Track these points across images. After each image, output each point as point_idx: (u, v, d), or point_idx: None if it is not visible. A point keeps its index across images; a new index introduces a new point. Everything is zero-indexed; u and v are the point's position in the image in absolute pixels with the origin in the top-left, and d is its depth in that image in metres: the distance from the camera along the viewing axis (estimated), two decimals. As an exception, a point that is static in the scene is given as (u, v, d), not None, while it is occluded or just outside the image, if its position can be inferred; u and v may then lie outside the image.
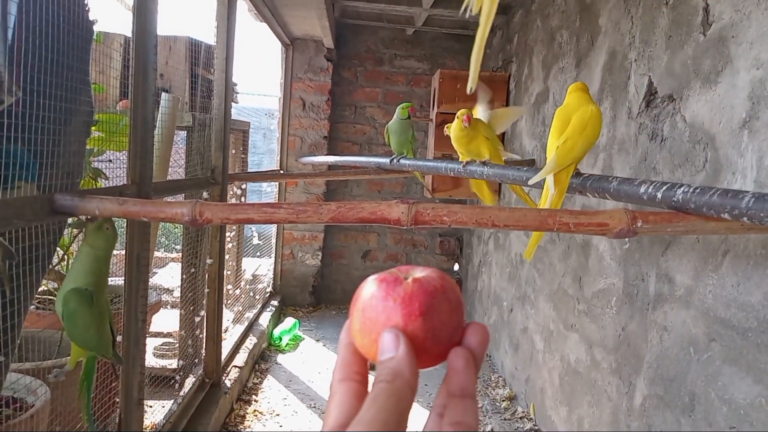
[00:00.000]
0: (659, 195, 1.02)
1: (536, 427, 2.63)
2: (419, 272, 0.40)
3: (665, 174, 1.66)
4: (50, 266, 1.49)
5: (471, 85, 0.58)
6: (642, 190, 1.07)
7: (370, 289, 0.39)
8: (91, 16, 1.34)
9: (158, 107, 1.91)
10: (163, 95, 1.95)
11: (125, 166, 1.49)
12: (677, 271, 1.58)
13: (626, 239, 1.86)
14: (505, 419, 2.74)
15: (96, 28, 1.38)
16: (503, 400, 2.93)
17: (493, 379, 3.24)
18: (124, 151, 1.57)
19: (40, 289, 1.90)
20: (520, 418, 2.75)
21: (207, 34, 2.04)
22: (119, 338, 1.49)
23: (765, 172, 1.23)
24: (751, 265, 1.27)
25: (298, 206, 1.08)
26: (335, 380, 0.38)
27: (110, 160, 1.73)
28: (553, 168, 1.29)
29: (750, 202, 0.85)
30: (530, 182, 1.35)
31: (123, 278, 1.51)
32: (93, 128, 1.60)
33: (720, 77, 1.42)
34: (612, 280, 1.98)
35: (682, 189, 0.97)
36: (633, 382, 1.80)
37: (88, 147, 1.44)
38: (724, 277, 1.36)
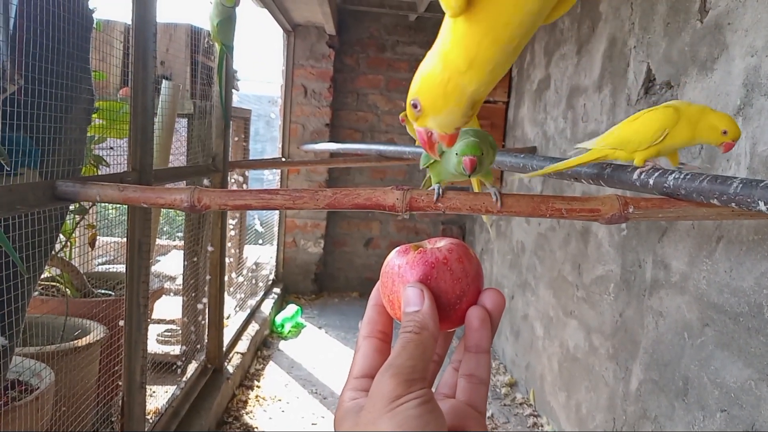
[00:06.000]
0: (651, 181, 1.03)
1: (535, 413, 2.66)
2: (435, 244, 0.44)
3: (662, 162, 1.67)
4: (53, 252, 1.52)
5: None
6: (635, 176, 1.08)
7: (390, 256, 0.45)
8: (91, 5, 1.35)
9: (159, 94, 1.93)
10: (164, 82, 1.96)
11: (126, 153, 1.51)
12: (673, 257, 1.59)
13: (624, 226, 1.87)
14: (504, 405, 2.77)
15: (96, 16, 1.40)
16: (504, 387, 2.96)
17: (494, 366, 3.27)
18: (124, 138, 1.58)
19: (43, 276, 1.93)
20: (520, 404, 2.78)
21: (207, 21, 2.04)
22: (122, 323, 1.52)
23: (758, 159, 1.24)
24: (744, 251, 1.28)
25: (295, 192, 1.09)
26: (360, 336, 0.43)
27: (111, 148, 1.74)
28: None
29: (738, 188, 0.86)
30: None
31: (125, 264, 1.53)
32: (94, 116, 1.62)
33: (716, 64, 1.42)
34: (610, 267, 1.99)
35: (673, 175, 0.98)
36: (629, 367, 1.82)
37: (89, 134, 1.46)
38: (718, 262, 1.37)
